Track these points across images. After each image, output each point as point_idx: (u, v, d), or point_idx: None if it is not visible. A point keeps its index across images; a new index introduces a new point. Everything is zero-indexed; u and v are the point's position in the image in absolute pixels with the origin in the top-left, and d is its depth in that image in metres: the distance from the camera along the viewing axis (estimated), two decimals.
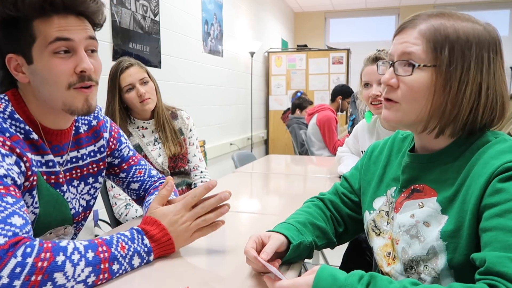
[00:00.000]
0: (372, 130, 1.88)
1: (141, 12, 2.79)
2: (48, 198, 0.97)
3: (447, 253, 0.74)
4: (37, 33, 0.88)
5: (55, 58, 0.89)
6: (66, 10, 0.89)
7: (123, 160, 1.22)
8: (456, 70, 0.75)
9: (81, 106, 0.94)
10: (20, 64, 0.91)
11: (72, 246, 0.78)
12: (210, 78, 4.02)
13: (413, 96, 0.79)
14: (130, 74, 1.67)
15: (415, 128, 0.84)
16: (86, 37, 0.92)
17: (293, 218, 0.99)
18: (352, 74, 5.95)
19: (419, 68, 0.77)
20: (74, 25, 0.90)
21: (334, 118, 3.91)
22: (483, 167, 0.72)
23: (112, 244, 0.84)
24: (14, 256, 0.70)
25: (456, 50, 0.75)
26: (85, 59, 0.91)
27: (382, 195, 0.94)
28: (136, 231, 0.91)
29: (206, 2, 3.84)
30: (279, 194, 1.86)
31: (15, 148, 0.85)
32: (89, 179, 1.12)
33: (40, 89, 0.92)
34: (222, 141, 4.37)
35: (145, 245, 0.90)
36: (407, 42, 0.79)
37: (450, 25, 0.76)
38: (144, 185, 1.25)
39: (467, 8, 6.83)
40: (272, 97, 6.11)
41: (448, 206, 0.77)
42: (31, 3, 0.85)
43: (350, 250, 1.73)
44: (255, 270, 0.87)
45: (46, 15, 0.88)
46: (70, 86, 0.91)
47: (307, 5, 7.46)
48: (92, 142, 1.12)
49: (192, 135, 1.90)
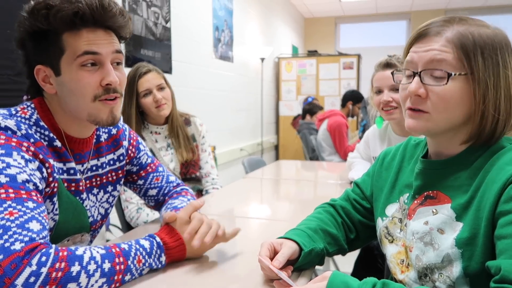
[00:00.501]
0: (383, 136, 1.86)
1: (153, 19, 2.82)
2: (68, 206, 0.98)
3: (462, 261, 0.73)
4: (66, 45, 0.90)
5: (82, 70, 0.90)
6: (95, 24, 0.91)
7: (141, 168, 1.23)
8: (490, 76, 0.74)
9: (106, 118, 0.95)
10: (48, 76, 0.93)
11: (89, 255, 0.77)
12: (220, 84, 4.04)
13: (446, 106, 0.76)
14: (147, 80, 1.70)
15: (441, 136, 0.82)
16: (113, 51, 0.94)
17: (304, 224, 0.98)
18: (362, 79, 5.92)
19: (455, 76, 0.75)
20: (102, 39, 0.92)
21: (345, 124, 3.89)
22: (498, 173, 0.71)
23: (129, 256, 0.84)
24: (29, 265, 0.70)
25: (487, 56, 0.74)
26: (112, 72, 0.93)
27: (395, 201, 0.93)
28: (157, 245, 0.91)
29: (216, 8, 3.86)
30: (290, 200, 1.85)
31: (38, 154, 0.87)
32: (108, 187, 1.13)
33: (67, 100, 0.94)
34: (232, 147, 4.37)
35: (160, 262, 0.90)
36: (434, 50, 0.76)
37: (474, 30, 0.75)
38: (162, 191, 1.26)
39: (479, 13, 6.76)
40: (282, 102, 6.11)
41: (463, 213, 0.76)
42: (62, 18, 0.87)
43: (361, 257, 1.72)
44: (267, 276, 0.87)
45: (76, 28, 0.89)
46: (96, 98, 0.93)
47: (317, 11, 7.46)
48: (112, 151, 1.13)
49: (205, 142, 1.91)
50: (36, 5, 0.87)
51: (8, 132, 0.84)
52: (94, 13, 0.89)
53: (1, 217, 0.73)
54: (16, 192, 0.77)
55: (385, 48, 6.74)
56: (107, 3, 0.90)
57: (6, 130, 0.84)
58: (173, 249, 0.93)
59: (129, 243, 0.87)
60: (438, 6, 6.93)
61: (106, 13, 0.90)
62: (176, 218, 0.97)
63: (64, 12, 0.86)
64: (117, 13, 0.93)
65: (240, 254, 1.04)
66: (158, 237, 0.92)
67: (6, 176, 0.78)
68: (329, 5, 7.03)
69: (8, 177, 0.78)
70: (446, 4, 6.86)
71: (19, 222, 0.73)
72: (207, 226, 0.96)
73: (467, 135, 0.78)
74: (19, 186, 0.78)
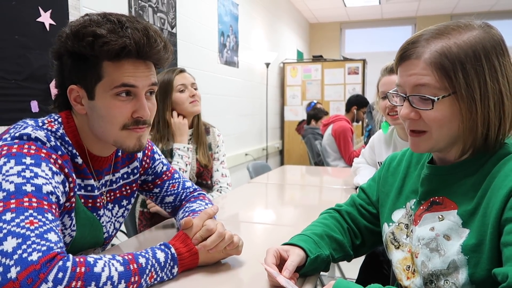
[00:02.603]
0: (389, 141, 1.86)
1: (159, 25, 2.83)
2: (85, 222, 0.98)
3: (468, 267, 0.72)
4: (105, 73, 0.89)
5: (116, 100, 0.91)
6: (138, 57, 0.91)
7: (156, 176, 1.22)
8: (475, 89, 0.73)
9: (133, 146, 0.96)
10: (81, 96, 0.93)
11: (107, 274, 0.74)
12: (226, 89, 4.05)
13: (440, 124, 0.77)
14: (184, 77, 1.78)
15: (448, 151, 0.82)
16: (149, 84, 0.94)
17: (310, 230, 0.98)
18: (368, 84, 5.91)
19: (438, 101, 0.74)
20: (141, 72, 0.92)
21: (350, 129, 3.88)
22: (504, 179, 0.70)
23: (144, 274, 0.82)
24: (45, 281, 0.67)
25: (469, 70, 0.73)
26: (145, 106, 0.93)
27: (402, 207, 0.93)
28: (171, 258, 0.89)
29: (222, 14, 3.89)
30: (294, 205, 1.84)
31: (64, 167, 0.87)
32: (123, 201, 1.13)
33: (95, 123, 0.94)
34: (238, 152, 4.37)
35: (172, 273, 0.89)
36: (416, 74, 0.76)
37: (452, 45, 0.74)
38: (179, 197, 1.25)
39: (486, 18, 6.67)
40: (287, 107, 6.11)
41: (469, 220, 0.75)
42: (108, 51, 0.86)
43: (367, 263, 1.71)
44: (271, 282, 0.86)
45: (118, 59, 0.89)
46: (125, 127, 0.93)
47: (323, 16, 7.48)
48: (126, 164, 1.13)
49: (219, 151, 1.94)
50: (82, 29, 0.86)
51: (38, 143, 0.85)
52: (139, 49, 0.88)
53: (22, 225, 0.72)
54: (39, 202, 0.77)
55: (391, 53, 6.73)
56: (153, 39, 0.90)
57: (37, 141, 0.85)
58: (186, 259, 0.92)
59: (146, 256, 0.84)
60: (444, 11, 6.92)
61: (151, 50, 0.90)
62: (192, 224, 0.96)
63: (111, 46, 0.85)
64: (161, 49, 0.93)
65: (244, 259, 1.03)
66: (173, 247, 0.91)
67: (33, 186, 0.78)
68: (334, 10, 7.04)
69: (34, 186, 0.78)
70: (452, 9, 6.84)
71: (38, 232, 0.73)
72: (218, 237, 0.94)
73: (464, 147, 0.78)
74: (43, 197, 0.78)
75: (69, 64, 0.92)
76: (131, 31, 0.87)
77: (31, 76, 1.73)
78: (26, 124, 0.88)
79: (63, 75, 0.94)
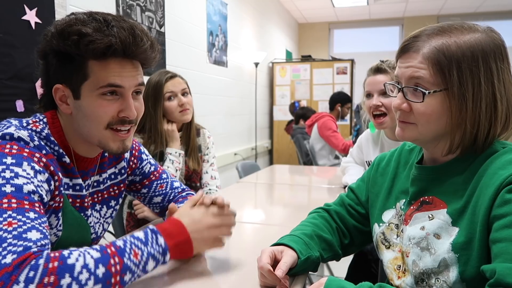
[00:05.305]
0: (376, 140, 1.87)
1: (147, 24, 2.81)
2: (72, 222, 0.97)
3: (459, 265, 0.73)
4: (91, 73, 0.88)
5: (102, 99, 0.90)
6: (124, 56, 0.89)
7: (144, 177, 1.21)
8: (468, 89, 0.74)
9: (116, 148, 0.95)
10: (66, 96, 0.92)
11: (81, 264, 0.71)
12: (214, 89, 4.04)
13: (428, 119, 0.78)
14: (174, 84, 1.73)
15: (430, 144, 0.83)
16: (136, 84, 0.93)
17: (300, 230, 0.98)
18: (356, 84, 5.95)
19: (429, 94, 0.76)
20: (127, 72, 0.91)
21: (332, 120, 3.90)
22: (491, 177, 0.71)
23: (124, 253, 0.78)
24: (16, 283, 0.65)
25: (464, 69, 0.74)
26: (131, 106, 0.92)
27: (392, 207, 0.93)
28: (151, 231, 0.85)
29: (211, 13, 3.87)
30: (284, 205, 1.85)
31: (49, 166, 0.86)
32: (111, 202, 1.11)
33: (80, 123, 0.93)
34: (227, 151, 4.36)
35: (160, 245, 0.84)
36: (413, 67, 0.78)
37: (452, 43, 0.75)
38: (168, 197, 1.24)
39: (472, 19, 6.77)
40: (277, 107, 6.12)
41: (458, 218, 0.76)
42: (94, 49, 0.85)
43: (355, 262, 1.71)
44: (262, 282, 0.86)
45: (104, 58, 0.87)
46: (109, 125, 0.92)
47: (311, 16, 7.50)
48: (113, 164, 1.11)
49: (209, 153, 1.92)
50: (68, 28, 0.85)
51: (21, 143, 0.83)
52: (126, 48, 0.87)
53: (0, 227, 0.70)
54: (19, 202, 0.75)
55: (378, 53, 6.79)
56: (139, 38, 0.89)
57: (19, 140, 0.84)
58: (169, 229, 0.88)
59: (124, 239, 0.81)
60: (431, 12, 7.00)
61: (137, 49, 0.89)
62: (177, 209, 0.95)
63: (97, 44, 0.84)
64: (148, 48, 0.92)
65: (234, 258, 1.03)
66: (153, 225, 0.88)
67: (12, 186, 0.76)
68: (323, 10, 7.08)
69: (14, 187, 0.76)
70: (439, 10, 6.93)
71: (16, 233, 0.71)
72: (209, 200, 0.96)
73: (450, 144, 0.79)
74: (24, 197, 0.77)
75: (54, 63, 0.90)
76: (117, 30, 0.86)
77: (16, 75, 1.70)
78: (10, 124, 0.87)
79: (49, 74, 0.93)
